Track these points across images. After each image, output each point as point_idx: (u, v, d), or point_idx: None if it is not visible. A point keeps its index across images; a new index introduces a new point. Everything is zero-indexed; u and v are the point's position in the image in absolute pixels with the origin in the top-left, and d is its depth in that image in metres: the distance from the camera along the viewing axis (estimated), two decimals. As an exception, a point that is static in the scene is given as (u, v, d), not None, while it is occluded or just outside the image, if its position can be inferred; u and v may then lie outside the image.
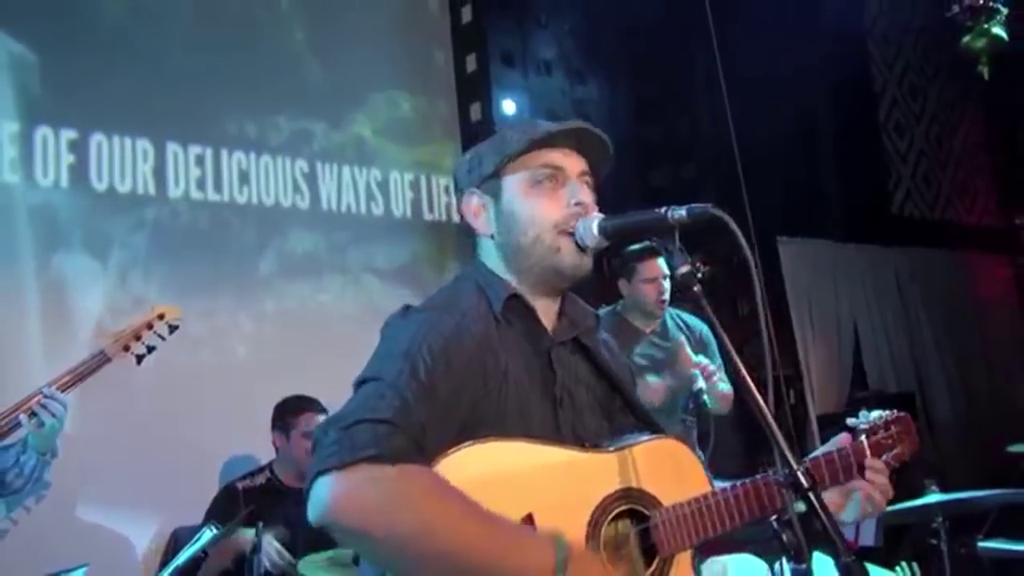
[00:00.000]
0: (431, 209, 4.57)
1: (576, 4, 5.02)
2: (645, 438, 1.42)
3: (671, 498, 1.38)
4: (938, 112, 7.17)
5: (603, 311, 3.57)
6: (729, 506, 1.37)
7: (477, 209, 1.44)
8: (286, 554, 2.73)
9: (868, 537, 2.96)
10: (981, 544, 3.62)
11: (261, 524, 2.47)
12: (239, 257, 3.91)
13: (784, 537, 1.09)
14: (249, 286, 3.91)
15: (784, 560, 2.89)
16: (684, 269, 1.21)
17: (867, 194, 6.30)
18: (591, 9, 5.02)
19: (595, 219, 1.35)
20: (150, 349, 2.44)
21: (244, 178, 3.97)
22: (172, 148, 3.78)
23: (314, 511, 1.15)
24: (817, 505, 1.06)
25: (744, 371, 1.14)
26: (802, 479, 1.07)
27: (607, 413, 1.50)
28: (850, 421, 1.58)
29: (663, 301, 3.34)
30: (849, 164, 6.15)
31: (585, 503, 1.31)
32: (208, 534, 2.29)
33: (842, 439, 1.53)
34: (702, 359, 3.28)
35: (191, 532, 3.24)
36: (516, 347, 1.38)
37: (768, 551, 3.01)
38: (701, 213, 1.20)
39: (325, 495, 1.13)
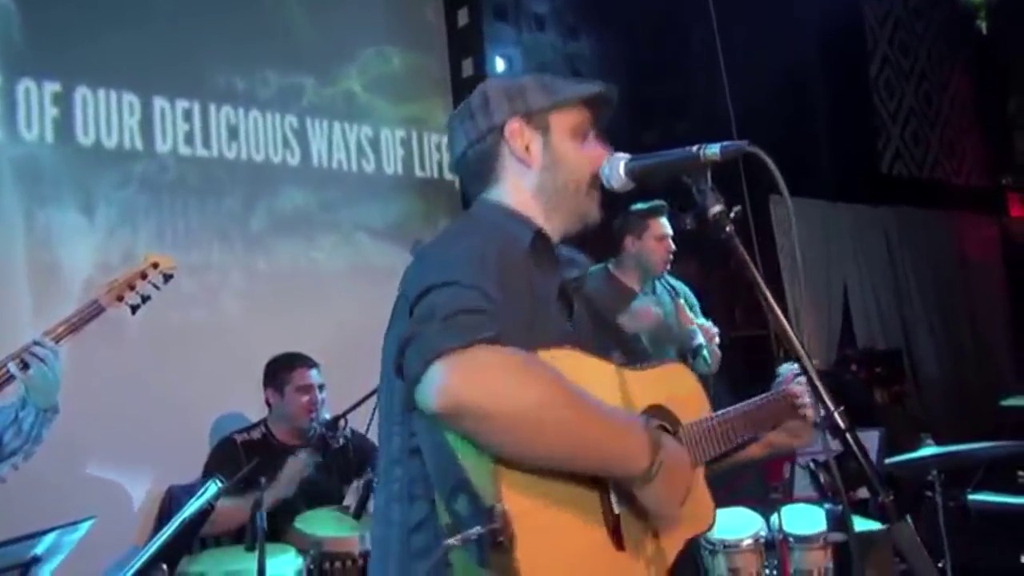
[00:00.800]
0: (423, 166, 4.51)
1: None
2: (656, 361, 1.50)
3: (686, 416, 1.46)
4: (928, 71, 7.16)
5: (592, 269, 3.55)
6: (739, 422, 1.51)
7: (529, 140, 1.43)
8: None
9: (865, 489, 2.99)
10: (971, 497, 3.70)
11: (264, 480, 2.44)
12: (230, 214, 3.84)
13: (821, 477, 1.07)
14: (240, 243, 3.85)
15: (781, 512, 2.94)
16: (717, 208, 1.18)
17: (857, 153, 6.31)
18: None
19: (622, 159, 1.32)
20: (144, 299, 2.36)
21: (233, 133, 3.88)
22: (159, 102, 3.69)
23: (430, 397, 1.10)
24: (854, 444, 1.05)
25: (780, 313, 1.12)
26: (839, 420, 1.06)
27: (604, 347, 1.50)
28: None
29: (667, 260, 3.34)
30: (840, 123, 6.14)
31: (634, 414, 1.37)
32: (214, 487, 2.26)
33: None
34: (705, 321, 3.29)
35: (186, 489, 3.23)
36: (543, 276, 1.38)
37: (764, 505, 3.06)
38: (736, 150, 1.18)
39: (444, 377, 1.09)
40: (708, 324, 3.21)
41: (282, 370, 3.21)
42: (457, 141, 1.48)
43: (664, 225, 3.33)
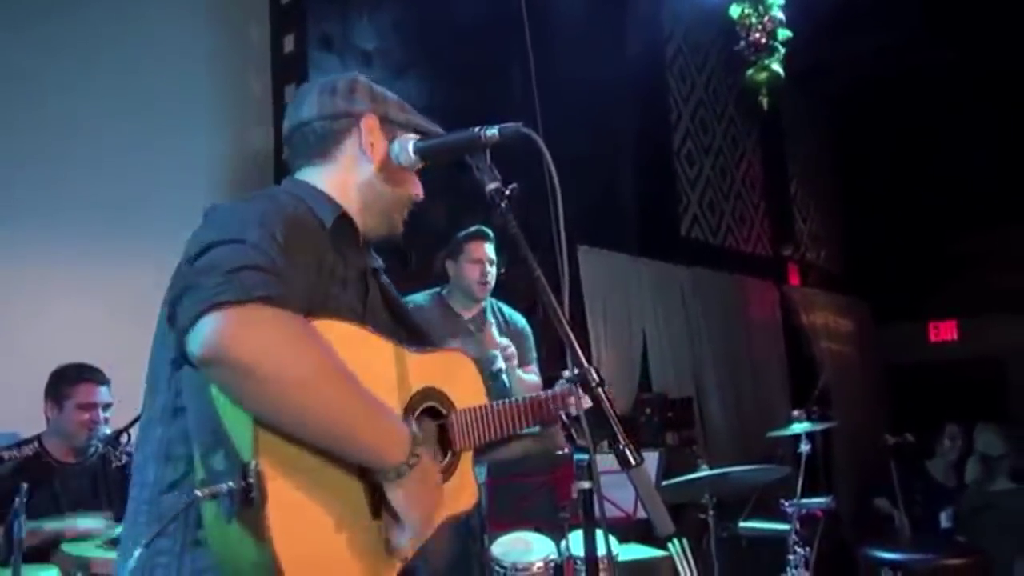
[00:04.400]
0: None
1: (402, -1, 5.08)
2: (440, 348, 1.57)
3: (462, 401, 1.51)
4: (724, 148, 7.89)
5: (425, 294, 3.57)
6: (514, 411, 1.55)
7: (376, 137, 1.46)
8: None
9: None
10: (741, 524, 4.01)
11: (25, 486, 2.26)
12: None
13: (572, 431, 1.17)
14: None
15: (568, 536, 3.06)
16: (493, 186, 1.27)
17: (660, 215, 6.81)
18: (416, 6, 5.09)
19: (411, 139, 1.39)
20: None
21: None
22: None
23: (199, 344, 1.09)
24: (603, 399, 1.15)
25: (551, 297, 1.21)
26: (590, 376, 1.17)
27: (394, 334, 1.55)
28: (566, 374, 1.75)
29: (485, 283, 3.40)
30: (645, 186, 6.61)
31: (404, 393, 1.41)
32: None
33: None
34: (505, 341, 3.37)
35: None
36: (341, 256, 1.40)
37: (553, 526, 3.18)
38: (512, 132, 1.28)
39: (216, 327, 1.09)
40: (507, 343, 3.29)
41: (66, 383, 3.00)
42: (306, 107, 1.47)
43: (479, 248, 3.41)
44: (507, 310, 3.62)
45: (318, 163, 1.46)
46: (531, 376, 3.46)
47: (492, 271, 3.43)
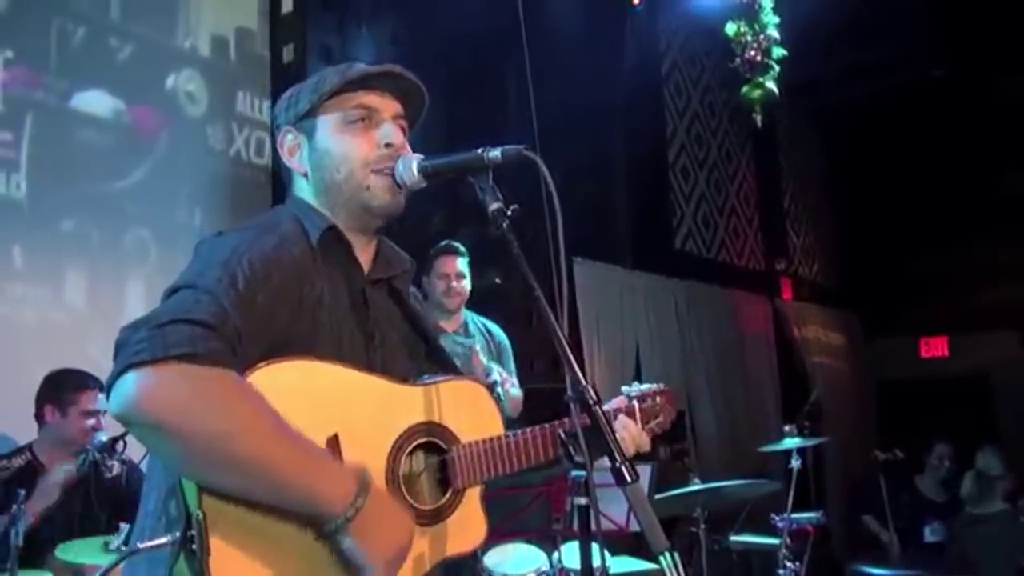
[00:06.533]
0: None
1: (400, 11, 5.11)
2: (450, 377, 1.49)
3: (469, 435, 1.44)
4: (719, 162, 7.94)
5: None
6: (523, 447, 1.46)
7: (292, 147, 1.47)
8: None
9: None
10: (732, 538, 4.03)
11: (23, 492, 2.27)
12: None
13: (570, 448, 1.19)
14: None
15: (561, 548, 3.08)
16: (495, 206, 1.30)
17: (655, 229, 6.85)
18: (414, 19, 5.13)
19: (415, 159, 1.42)
20: None
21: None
22: None
23: (117, 404, 1.11)
24: (600, 417, 1.18)
25: (551, 317, 1.23)
26: (588, 395, 1.19)
27: (415, 357, 1.55)
28: (624, 389, 1.73)
29: (451, 296, 3.47)
30: (641, 200, 6.65)
31: (390, 431, 1.36)
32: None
33: (618, 401, 1.68)
34: (494, 366, 3.43)
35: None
36: (331, 278, 1.39)
37: (547, 537, 3.19)
38: (514, 154, 1.31)
39: (131, 388, 1.10)
40: (498, 369, 3.35)
41: (68, 389, 3.00)
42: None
43: (447, 263, 3.51)
44: (489, 324, 3.69)
45: (296, 182, 1.50)
46: (513, 390, 3.50)
47: (460, 285, 3.52)
